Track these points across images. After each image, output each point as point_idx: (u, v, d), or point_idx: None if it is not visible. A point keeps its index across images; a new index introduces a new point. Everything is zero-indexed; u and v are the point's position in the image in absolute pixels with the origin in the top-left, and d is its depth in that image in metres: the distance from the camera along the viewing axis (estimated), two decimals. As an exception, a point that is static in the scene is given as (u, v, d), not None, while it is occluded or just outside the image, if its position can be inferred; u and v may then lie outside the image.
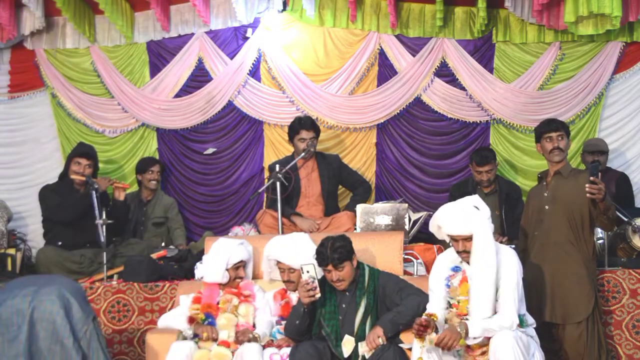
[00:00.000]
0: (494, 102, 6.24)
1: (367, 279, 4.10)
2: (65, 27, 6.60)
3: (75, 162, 5.60)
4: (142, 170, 6.15)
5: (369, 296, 4.04)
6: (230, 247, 4.41)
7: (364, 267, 4.17)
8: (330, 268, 4.02)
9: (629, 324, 4.73)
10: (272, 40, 6.42)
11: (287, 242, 4.42)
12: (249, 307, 4.32)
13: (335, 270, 4.01)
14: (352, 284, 4.10)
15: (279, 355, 4.03)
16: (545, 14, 5.89)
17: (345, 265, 4.02)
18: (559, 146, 4.48)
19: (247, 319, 4.29)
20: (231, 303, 4.32)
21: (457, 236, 3.85)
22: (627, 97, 6.22)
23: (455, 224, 3.84)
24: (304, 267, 3.93)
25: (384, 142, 6.44)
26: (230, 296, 4.35)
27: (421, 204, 6.23)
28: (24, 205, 6.49)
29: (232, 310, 4.30)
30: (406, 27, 6.35)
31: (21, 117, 6.70)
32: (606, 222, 4.32)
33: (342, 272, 4.02)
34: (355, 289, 4.08)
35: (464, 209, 3.89)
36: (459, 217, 3.85)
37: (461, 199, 4.00)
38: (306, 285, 3.91)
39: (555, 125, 4.54)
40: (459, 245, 3.87)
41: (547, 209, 4.48)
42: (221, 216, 6.50)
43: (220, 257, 4.36)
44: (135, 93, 6.54)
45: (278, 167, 5.32)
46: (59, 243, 5.46)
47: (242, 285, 4.40)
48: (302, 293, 3.93)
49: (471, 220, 3.82)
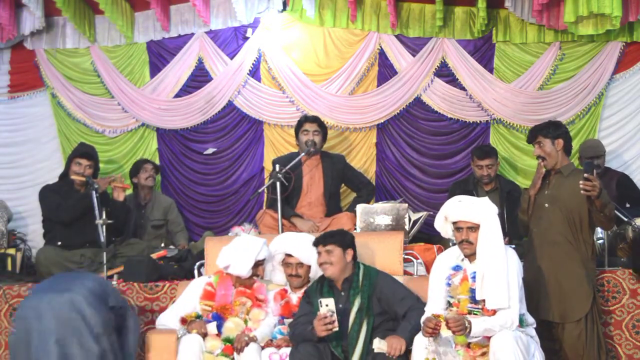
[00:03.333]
0: (494, 102, 6.24)
1: (361, 278, 4.11)
2: (65, 27, 6.61)
3: (76, 163, 5.57)
4: (136, 171, 6.14)
5: (362, 295, 4.05)
6: (258, 244, 4.41)
7: (360, 266, 4.19)
8: (319, 249, 4.11)
9: (629, 324, 4.72)
10: (272, 40, 6.42)
11: (298, 237, 4.50)
12: (261, 312, 4.30)
13: (323, 251, 4.09)
14: (347, 283, 4.12)
15: (278, 355, 4.03)
16: (545, 14, 5.89)
17: (332, 249, 4.08)
18: (540, 154, 4.51)
19: (257, 324, 4.25)
20: (245, 306, 4.30)
21: (463, 223, 3.91)
22: (627, 97, 6.21)
23: (463, 210, 3.93)
24: (323, 301, 3.91)
25: (384, 142, 6.44)
26: (244, 299, 4.32)
27: (421, 204, 6.24)
28: (24, 205, 6.50)
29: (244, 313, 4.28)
30: (406, 27, 6.35)
31: (21, 117, 6.70)
32: (604, 220, 4.32)
33: (328, 255, 4.08)
34: (349, 289, 4.10)
35: (474, 199, 4.03)
36: (467, 203, 3.95)
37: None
38: (324, 319, 3.88)
39: (531, 135, 4.56)
40: (463, 234, 3.91)
41: (546, 207, 4.48)
42: (221, 216, 6.51)
43: (250, 252, 4.34)
44: (135, 93, 6.54)
45: (278, 167, 5.32)
46: (59, 243, 5.46)
47: (255, 288, 4.37)
48: (320, 327, 3.88)
49: (480, 209, 3.92)
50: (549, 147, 4.48)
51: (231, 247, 4.42)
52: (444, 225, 4.09)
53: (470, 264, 3.95)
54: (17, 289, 5.02)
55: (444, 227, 4.10)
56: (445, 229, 4.10)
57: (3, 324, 5.02)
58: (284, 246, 4.42)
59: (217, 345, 4.16)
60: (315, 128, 5.67)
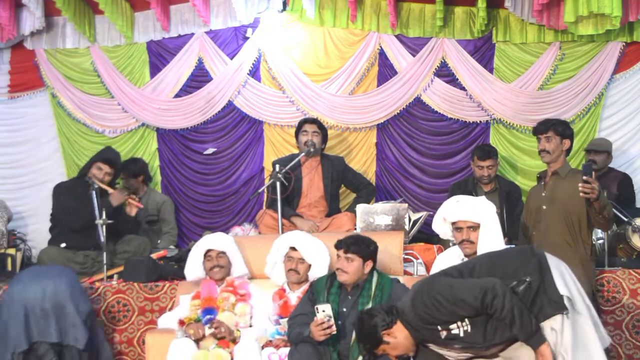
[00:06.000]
0: (494, 102, 6.24)
1: (374, 286, 4.04)
2: (65, 27, 6.61)
3: (97, 167, 5.44)
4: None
5: (374, 304, 3.93)
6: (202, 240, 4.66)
7: (374, 273, 4.11)
8: (340, 253, 4.05)
9: (629, 324, 4.72)
10: (272, 40, 6.42)
11: (305, 235, 4.55)
12: (246, 306, 4.40)
13: (343, 257, 4.03)
14: (357, 288, 4.06)
15: (277, 355, 4.03)
16: (545, 14, 5.89)
17: (353, 258, 4.01)
18: (545, 148, 4.48)
19: (245, 318, 4.35)
20: (229, 301, 4.38)
21: (463, 222, 3.91)
22: (627, 97, 6.22)
23: (463, 210, 3.93)
24: (319, 307, 3.86)
25: (384, 142, 6.44)
26: (227, 294, 4.41)
27: (421, 204, 6.24)
28: (24, 205, 6.50)
29: (229, 309, 4.35)
30: (406, 27, 6.35)
31: (21, 117, 6.70)
32: (602, 221, 4.31)
33: (347, 263, 4.01)
34: (359, 295, 4.03)
35: (471, 198, 4.05)
36: (466, 203, 3.96)
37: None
38: (322, 325, 3.84)
39: (544, 126, 4.53)
40: (463, 234, 3.90)
41: (544, 209, 4.48)
42: (221, 216, 6.51)
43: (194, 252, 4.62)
44: (135, 93, 6.54)
45: (278, 167, 5.33)
46: (63, 245, 5.42)
47: (237, 285, 4.48)
48: (317, 332, 3.85)
49: (479, 208, 3.93)
50: (556, 144, 4.48)
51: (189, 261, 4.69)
52: (442, 226, 4.08)
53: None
54: (17, 289, 5.02)
55: (443, 228, 4.09)
56: (444, 230, 4.09)
57: (3, 324, 5.02)
58: (290, 240, 4.47)
59: (211, 341, 4.22)
60: (315, 129, 5.67)
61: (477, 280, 3.12)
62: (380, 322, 3.23)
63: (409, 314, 3.19)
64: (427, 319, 3.12)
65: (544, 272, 3.16)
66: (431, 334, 3.16)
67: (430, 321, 3.12)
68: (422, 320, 3.14)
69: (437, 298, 3.08)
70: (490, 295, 2.98)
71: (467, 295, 3.03)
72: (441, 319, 3.10)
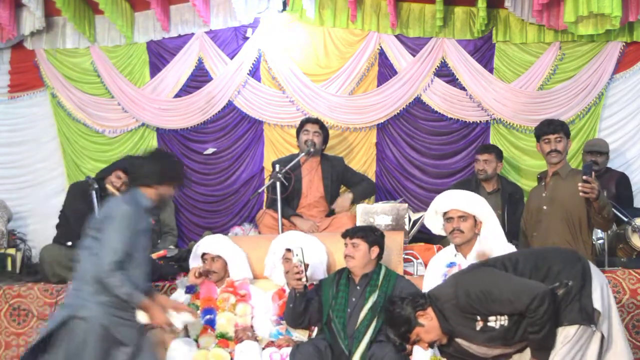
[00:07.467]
0: (494, 102, 6.24)
1: (382, 277, 4.14)
2: (65, 27, 6.61)
3: (117, 175, 5.39)
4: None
5: (380, 295, 4.06)
6: (201, 241, 4.67)
7: (382, 267, 4.22)
8: (346, 241, 4.16)
9: (629, 324, 4.72)
10: (272, 40, 6.42)
11: (300, 234, 4.60)
12: (246, 306, 4.40)
13: (350, 244, 4.13)
14: (365, 278, 4.14)
15: (279, 355, 4.04)
16: (545, 13, 5.89)
17: (359, 243, 4.12)
18: (557, 149, 4.50)
19: (245, 318, 4.36)
20: (228, 301, 4.38)
21: (454, 212, 3.95)
22: (627, 97, 6.21)
23: (454, 199, 3.99)
24: (294, 250, 3.99)
25: (384, 142, 6.44)
26: (227, 295, 4.41)
27: (421, 204, 6.22)
28: (24, 205, 6.50)
29: (229, 309, 4.35)
30: (406, 27, 6.35)
31: (21, 117, 6.70)
32: (602, 221, 4.31)
33: (354, 249, 4.11)
34: (366, 285, 4.12)
35: (462, 191, 4.14)
36: (457, 194, 4.04)
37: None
38: (295, 268, 4.01)
39: (553, 127, 4.54)
40: (454, 223, 3.94)
41: (545, 210, 4.48)
42: (221, 216, 6.50)
43: (194, 253, 4.63)
44: (135, 93, 6.54)
45: (278, 167, 5.33)
46: (69, 243, 5.40)
47: (237, 285, 4.48)
48: (292, 281, 4.06)
49: (471, 199, 3.99)
50: (565, 145, 4.55)
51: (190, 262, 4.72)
52: (434, 219, 4.11)
53: (464, 259, 3.96)
54: (17, 289, 5.03)
55: (435, 222, 4.12)
56: (436, 224, 4.12)
57: (3, 323, 5.02)
58: (286, 241, 4.50)
59: (211, 340, 4.22)
60: (316, 129, 5.67)
61: (526, 283, 3.16)
62: (415, 303, 3.25)
63: (445, 302, 3.22)
64: (469, 309, 3.16)
65: (586, 280, 3.21)
66: (465, 323, 3.19)
67: (472, 311, 3.16)
68: (462, 309, 3.18)
69: (484, 292, 3.13)
70: (537, 303, 3.05)
71: (516, 297, 3.08)
72: (482, 311, 3.15)
